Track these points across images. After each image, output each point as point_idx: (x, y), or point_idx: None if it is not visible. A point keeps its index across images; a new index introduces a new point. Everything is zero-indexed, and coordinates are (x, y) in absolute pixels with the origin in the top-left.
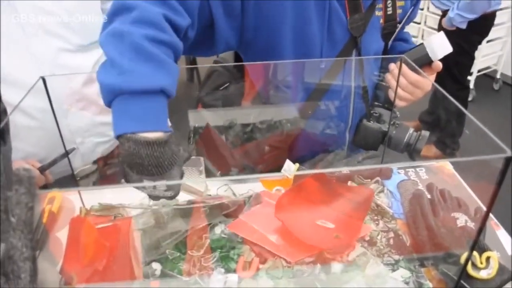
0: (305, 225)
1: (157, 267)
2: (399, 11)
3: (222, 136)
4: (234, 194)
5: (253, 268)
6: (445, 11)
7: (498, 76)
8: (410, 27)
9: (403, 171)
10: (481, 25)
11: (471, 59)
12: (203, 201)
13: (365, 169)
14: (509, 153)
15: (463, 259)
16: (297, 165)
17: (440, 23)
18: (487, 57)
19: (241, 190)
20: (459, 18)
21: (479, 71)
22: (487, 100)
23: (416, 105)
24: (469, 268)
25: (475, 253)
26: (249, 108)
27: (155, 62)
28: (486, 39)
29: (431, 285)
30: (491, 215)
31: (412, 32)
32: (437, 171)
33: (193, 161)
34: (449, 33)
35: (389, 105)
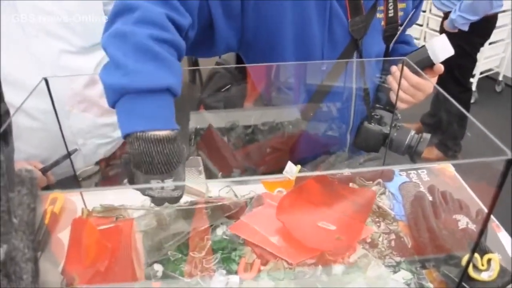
0: (307, 226)
1: (159, 268)
2: (401, 13)
3: (224, 137)
4: (235, 195)
5: (255, 269)
6: (447, 13)
7: (500, 78)
8: (412, 29)
9: (404, 173)
10: (483, 27)
11: (473, 61)
12: (205, 202)
13: (367, 171)
14: (510, 155)
15: (464, 261)
16: (299, 166)
17: (442, 25)
18: (489, 59)
19: (242, 191)
20: (461, 20)
21: (481, 73)
22: (489, 102)
23: (418, 107)
24: (470, 270)
25: (476, 255)
26: (250, 109)
27: (159, 61)
28: (488, 41)
29: (432, 286)
30: (492, 217)
31: (414, 34)
32: (438, 173)
33: (191, 161)
34: (451, 36)
35: (391, 107)
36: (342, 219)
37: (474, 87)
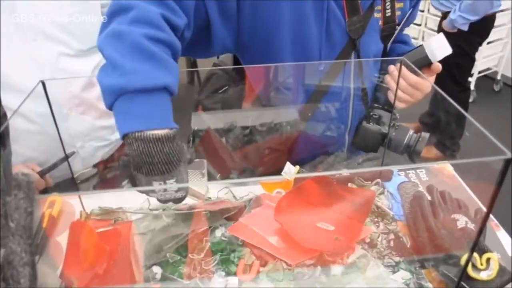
0: (305, 227)
1: (158, 270)
2: (398, 13)
3: (222, 138)
4: (234, 197)
5: (254, 271)
6: (445, 13)
7: (498, 77)
8: (410, 28)
9: (403, 172)
10: (481, 27)
11: (471, 61)
12: (204, 205)
13: (366, 171)
14: (509, 155)
15: (463, 261)
16: (297, 167)
17: (440, 25)
18: (487, 58)
19: (241, 192)
20: (461, 20)
21: (479, 73)
22: (487, 101)
23: (416, 106)
24: (470, 269)
25: (475, 255)
26: (249, 110)
27: (156, 60)
28: (486, 41)
29: (431, 286)
30: (491, 216)
31: (412, 34)
32: (437, 172)
33: (196, 164)
34: (449, 35)
35: (389, 106)
36: (341, 219)
37: (472, 86)
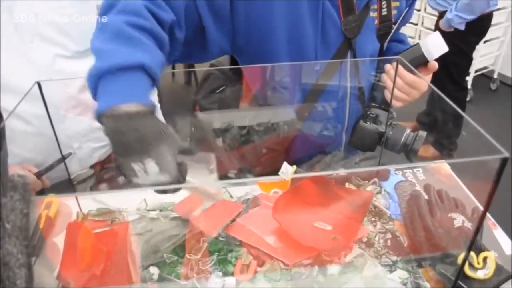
0: (303, 226)
1: (155, 271)
2: (394, 12)
3: (219, 138)
4: (231, 197)
5: (251, 271)
6: (441, 13)
7: (495, 76)
8: (407, 28)
9: (400, 172)
10: (478, 26)
11: (469, 60)
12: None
13: (363, 171)
14: (505, 154)
15: (460, 260)
16: (294, 167)
17: (437, 24)
18: (484, 57)
19: (238, 192)
20: (458, 19)
21: (476, 71)
22: (484, 100)
23: (413, 106)
24: (466, 268)
25: (472, 254)
26: (245, 110)
27: (134, 43)
28: (483, 39)
29: (428, 285)
30: (488, 215)
31: (409, 33)
32: (434, 172)
33: (202, 157)
34: (446, 35)
35: (386, 105)
36: (338, 219)
37: (469, 85)
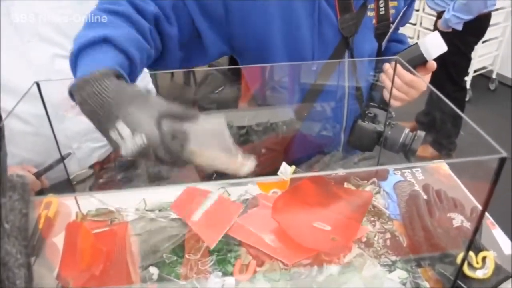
0: (302, 227)
1: (155, 271)
2: (392, 11)
3: None
4: (229, 196)
5: (250, 271)
6: (440, 13)
7: (494, 76)
8: (406, 28)
9: (399, 172)
10: (476, 27)
11: (467, 60)
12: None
13: (361, 171)
14: (504, 154)
15: (459, 259)
16: (293, 167)
17: (435, 24)
18: (483, 57)
19: (237, 192)
20: (455, 19)
21: (475, 71)
22: (483, 100)
23: (412, 105)
24: (465, 268)
25: (471, 253)
26: (244, 110)
27: (101, 23)
28: (481, 40)
29: (428, 285)
30: (487, 214)
31: (408, 33)
32: (433, 171)
33: (212, 122)
34: (445, 35)
35: (385, 105)
36: (337, 219)
37: (468, 85)
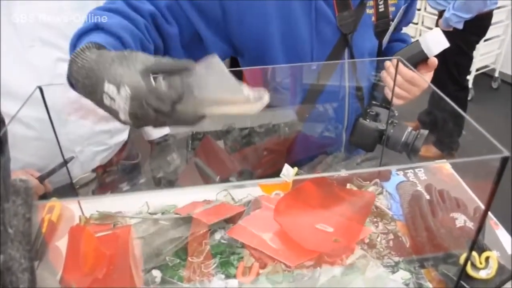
0: (304, 228)
1: (157, 274)
2: (392, 8)
3: (220, 140)
4: (233, 199)
5: (253, 273)
6: (441, 12)
7: (496, 74)
8: (407, 27)
9: (402, 172)
10: (478, 26)
11: (469, 59)
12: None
13: (364, 172)
14: (506, 153)
15: (462, 260)
16: (296, 169)
17: (437, 24)
18: (485, 55)
19: (240, 195)
20: (455, 18)
21: (477, 70)
22: (486, 98)
23: (415, 105)
24: (469, 268)
25: (474, 253)
26: None
27: (97, 19)
28: (483, 38)
29: (431, 286)
30: (490, 214)
31: (409, 32)
32: (436, 171)
33: (207, 62)
34: (446, 34)
35: (387, 104)
36: (340, 221)
37: (470, 84)
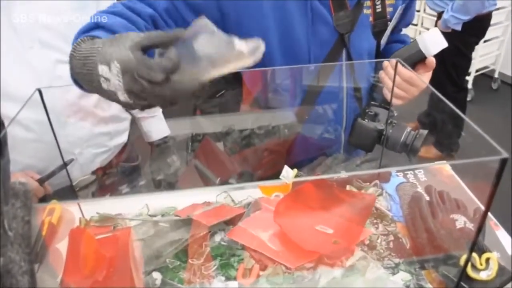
0: (304, 230)
1: (158, 276)
2: (389, 9)
3: (220, 142)
4: (233, 201)
5: (254, 275)
6: (440, 13)
7: (496, 75)
8: (406, 28)
9: (401, 173)
10: (476, 27)
11: (468, 60)
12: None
13: (364, 174)
14: (505, 154)
15: (462, 261)
16: (295, 170)
17: (436, 25)
18: (484, 56)
19: (240, 197)
20: (454, 19)
21: (477, 71)
22: (486, 99)
23: (415, 106)
24: (469, 269)
25: (475, 255)
26: (246, 113)
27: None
28: (483, 39)
29: (431, 287)
30: (490, 215)
31: (409, 33)
32: (435, 173)
33: (197, 25)
34: (445, 35)
35: (386, 104)
36: (340, 222)
37: (470, 85)
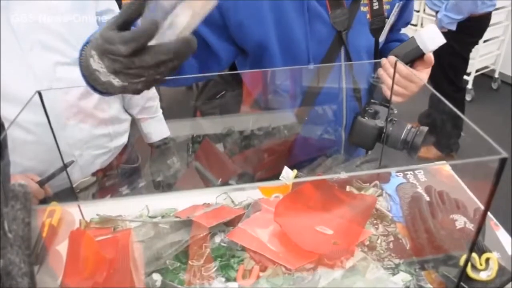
0: (304, 230)
1: (158, 278)
2: (387, 6)
3: (220, 143)
4: (233, 202)
5: (254, 276)
6: (438, 13)
7: (496, 75)
8: (406, 29)
9: (401, 174)
10: (474, 27)
11: (464, 60)
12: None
13: (364, 174)
14: (504, 154)
15: (462, 261)
16: (295, 171)
17: None
18: (484, 56)
19: (240, 198)
20: (447, 19)
21: (477, 71)
22: (486, 99)
23: (415, 106)
24: (469, 270)
25: (475, 255)
26: (245, 115)
27: None
28: (483, 39)
29: None
30: (490, 215)
31: (409, 34)
32: (435, 173)
33: None
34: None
35: (385, 102)
36: (340, 223)
37: (470, 85)
